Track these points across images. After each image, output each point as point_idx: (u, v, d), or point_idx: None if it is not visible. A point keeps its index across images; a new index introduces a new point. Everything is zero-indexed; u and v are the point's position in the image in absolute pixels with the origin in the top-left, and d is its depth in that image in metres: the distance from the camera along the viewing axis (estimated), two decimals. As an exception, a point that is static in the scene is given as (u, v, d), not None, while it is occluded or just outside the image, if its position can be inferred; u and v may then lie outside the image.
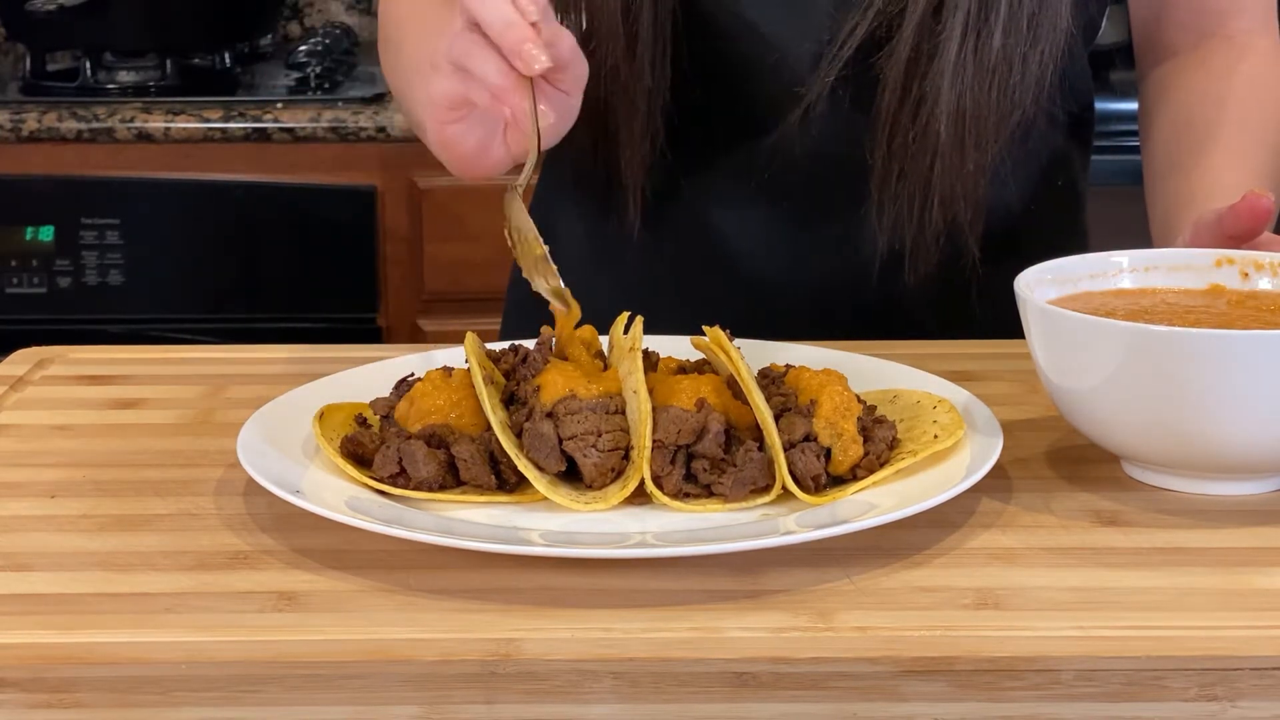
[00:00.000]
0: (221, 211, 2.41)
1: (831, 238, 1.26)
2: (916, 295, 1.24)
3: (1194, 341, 0.88)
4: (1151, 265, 1.02)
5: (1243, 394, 0.88)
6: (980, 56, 1.16)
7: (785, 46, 1.22)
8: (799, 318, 1.23)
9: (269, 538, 0.89)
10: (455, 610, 0.81)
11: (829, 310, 1.27)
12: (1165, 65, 1.32)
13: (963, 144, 1.18)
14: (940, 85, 1.16)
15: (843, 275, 1.27)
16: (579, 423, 0.91)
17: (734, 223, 1.27)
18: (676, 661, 0.77)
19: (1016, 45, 1.17)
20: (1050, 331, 0.93)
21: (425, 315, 2.46)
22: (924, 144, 1.18)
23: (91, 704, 0.78)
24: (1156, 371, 0.88)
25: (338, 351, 1.20)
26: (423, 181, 2.39)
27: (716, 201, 1.28)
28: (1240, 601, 0.81)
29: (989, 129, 1.19)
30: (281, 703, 0.77)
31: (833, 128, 1.22)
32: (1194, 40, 1.30)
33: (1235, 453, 0.91)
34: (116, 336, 2.39)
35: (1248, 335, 0.88)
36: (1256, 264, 1.01)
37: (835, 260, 1.27)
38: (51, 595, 0.83)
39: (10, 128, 2.38)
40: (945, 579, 0.84)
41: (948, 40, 1.16)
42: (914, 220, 1.21)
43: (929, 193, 1.20)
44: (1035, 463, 0.98)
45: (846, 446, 0.92)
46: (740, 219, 1.27)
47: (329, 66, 2.55)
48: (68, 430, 1.05)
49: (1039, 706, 0.77)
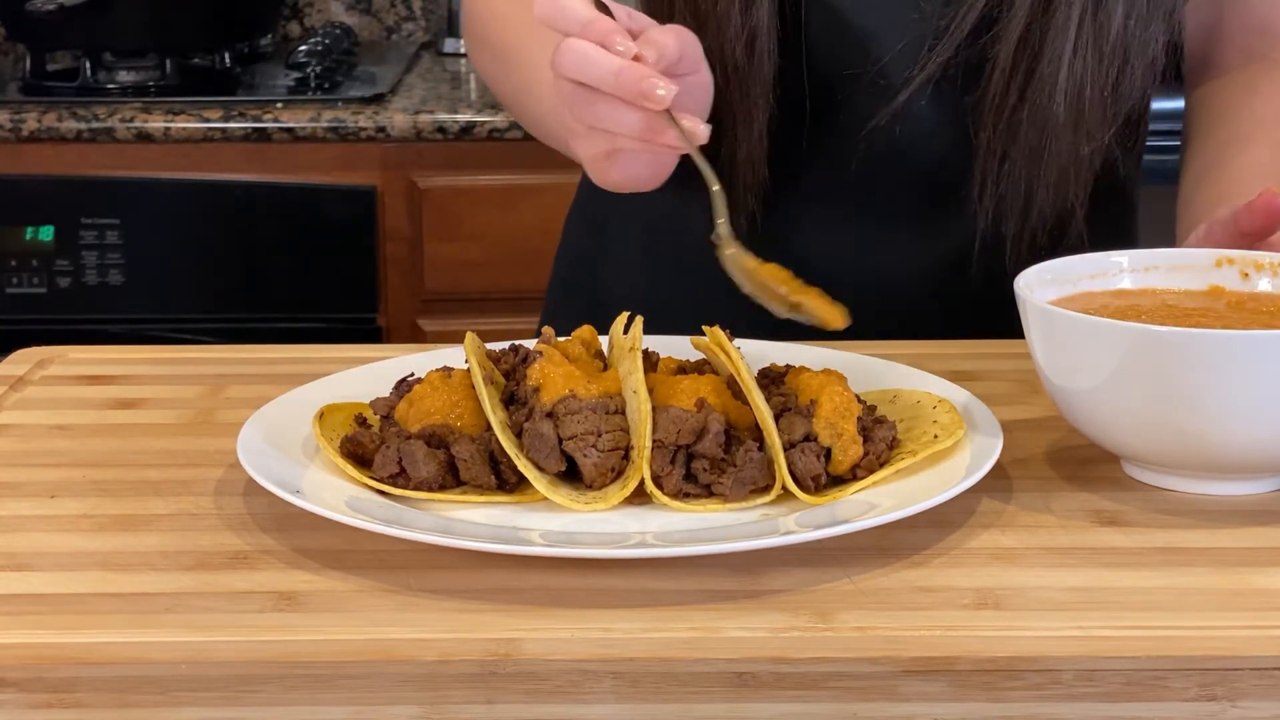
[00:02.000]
0: (221, 211, 2.41)
1: (921, 234, 1.25)
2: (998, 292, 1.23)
3: (1193, 342, 0.88)
4: (1151, 265, 1.02)
5: (1242, 394, 0.88)
6: (1099, 37, 1.15)
7: (885, 36, 1.20)
8: (888, 317, 1.21)
9: (269, 538, 0.89)
10: (455, 610, 0.81)
11: (917, 309, 1.26)
12: (1213, 83, 1.31)
13: (1077, 126, 1.17)
14: (1059, 66, 1.15)
15: (933, 272, 1.26)
16: (579, 423, 0.91)
17: (819, 220, 1.26)
18: (676, 661, 0.77)
19: (1136, 26, 1.16)
20: (1050, 331, 0.93)
21: (425, 315, 2.46)
22: (1035, 123, 1.17)
23: (91, 704, 0.78)
24: (1156, 372, 0.88)
25: (338, 351, 1.20)
26: (423, 181, 2.39)
27: (805, 197, 1.26)
28: (1240, 601, 0.81)
29: (1104, 112, 1.18)
30: (281, 703, 0.77)
31: (931, 119, 1.21)
32: (1242, 60, 1.29)
33: (1235, 453, 0.91)
34: (116, 336, 2.39)
35: (1246, 335, 0.88)
36: (1257, 264, 1.01)
37: (926, 257, 1.26)
38: (51, 595, 0.83)
39: (10, 128, 2.38)
40: (945, 579, 0.84)
41: (1066, 20, 1.14)
42: (1020, 205, 1.19)
43: (1038, 175, 1.18)
44: (1035, 463, 0.98)
45: (846, 447, 0.92)
46: (828, 216, 1.26)
47: (329, 66, 2.55)
48: (68, 430, 1.05)
49: (1039, 706, 0.77)
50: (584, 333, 1.02)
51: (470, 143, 2.37)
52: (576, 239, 1.42)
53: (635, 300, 1.08)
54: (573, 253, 1.42)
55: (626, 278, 1.35)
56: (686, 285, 1.26)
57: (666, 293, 1.29)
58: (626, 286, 1.34)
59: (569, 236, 1.44)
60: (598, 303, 1.29)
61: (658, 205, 1.21)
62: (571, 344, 1.00)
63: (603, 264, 1.38)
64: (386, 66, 2.67)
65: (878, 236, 1.26)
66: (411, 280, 2.45)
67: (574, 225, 1.43)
